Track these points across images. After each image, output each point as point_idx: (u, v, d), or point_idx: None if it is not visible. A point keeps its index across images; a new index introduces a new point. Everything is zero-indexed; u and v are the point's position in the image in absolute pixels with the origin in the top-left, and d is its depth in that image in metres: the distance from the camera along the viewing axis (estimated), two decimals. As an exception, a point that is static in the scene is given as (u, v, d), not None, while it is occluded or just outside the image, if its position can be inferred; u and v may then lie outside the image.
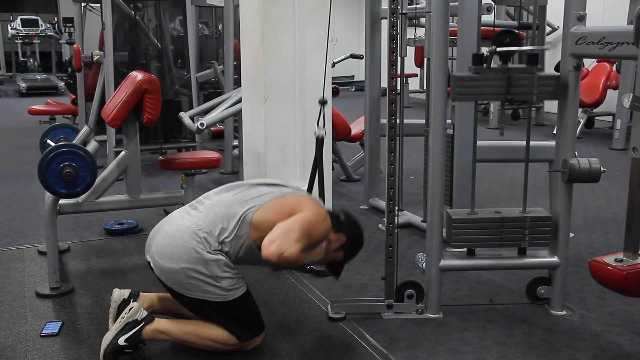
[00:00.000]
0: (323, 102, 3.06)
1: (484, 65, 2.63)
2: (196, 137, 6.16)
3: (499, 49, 2.59)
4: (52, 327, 2.73)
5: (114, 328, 2.38)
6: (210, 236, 2.36)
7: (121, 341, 2.35)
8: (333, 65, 5.10)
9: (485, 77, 2.63)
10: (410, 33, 4.02)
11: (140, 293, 2.56)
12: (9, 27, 14.63)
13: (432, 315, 2.85)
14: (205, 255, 2.33)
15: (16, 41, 14.62)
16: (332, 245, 2.59)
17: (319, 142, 2.84)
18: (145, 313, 2.41)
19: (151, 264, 2.43)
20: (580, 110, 7.18)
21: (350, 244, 2.64)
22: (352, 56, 6.05)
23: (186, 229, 2.37)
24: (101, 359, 2.35)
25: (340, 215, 2.64)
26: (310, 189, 2.83)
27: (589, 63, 7.71)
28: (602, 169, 2.64)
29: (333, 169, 3.60)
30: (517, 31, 2.70)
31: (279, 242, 2.25)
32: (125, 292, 2.51)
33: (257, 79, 3.63)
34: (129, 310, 2.39)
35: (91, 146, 3.45)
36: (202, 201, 2.53)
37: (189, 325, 2.46)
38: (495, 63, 2.64)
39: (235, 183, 2.65)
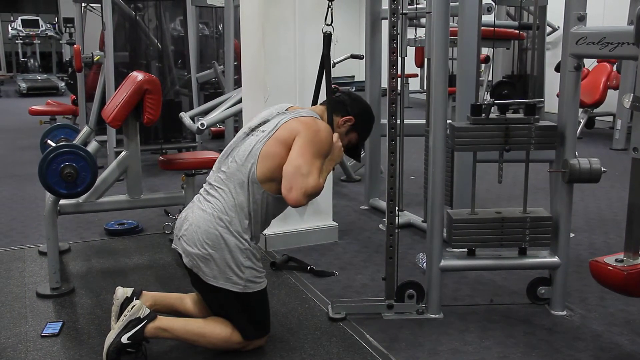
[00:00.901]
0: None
1: (483, 115, 2.69)
2: (197, 138, 6.17)
3: (496, 102, 2.67)
4: (53, 328, 2.73)
5: (116, 326, 2.39)
6: (234, 218, 2.38)
7: (124, 339, 2.35)
8: (334, 65, 5.09)
9: (483, 128, 2.70)
10: (410, 33, 4.02)
11: (143, 291, 2.57)
12: (10, 28, 14.64)
13: (433, 316, 2.85)
14: (230, 241, 2.36)
15: (17, 41, 14.63)
16: (343, 129, 2.61)
17: (327, 38, 2.84)
18: (147, 311, 2.42)
19: (179, 250, 2.46)
20: (580, 110, 7.17)
21: (360, 122, 2.66)
22: (353, 56, 6.04)
23: (209, 215, 2.40)
24: (104, 357, 2.35)
25: (341, 97, 2.65)
26: (317, 89, 2.79)
27: (590, 63, 7.71)
28: (602, 169, 2.64)
29: (333, 169, 3.61)
30: (513, 83, 2.76)
31: (295, 184, 2.31)
32: (128, 290, 2.52)
33: (258, 79, 3.63)
34: (132, 308, 2.40)
35: (92, 146, 3.45)
36: (210, 182, 2.53)
37: (191, 323, 2.47)
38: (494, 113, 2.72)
39: (227, 147, 2.60)
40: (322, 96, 2.75)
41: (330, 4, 2.77)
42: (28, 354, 2.53)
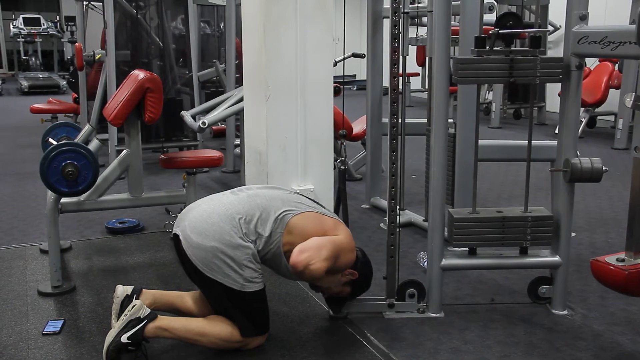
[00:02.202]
0: (342, 135, 3.16)
1: (486, 47, 2.62)
2: (198, 136, 6.16)
3: (501, 31, 2.59)
4: (54, 326, 2.74)
5: (117, 325, 2.39)
6: (246, 224, 2.41)
7: (124, 339, 2.35)
8: (335, 64, 5.09)
9: (487, 60, 2.63)
10: (412, 32, 4.01)
11: (143, 290, 2.57)
12: (11, 26, 14.64)
13: (434, 315, 2.85)
14: (237, 240, 2.37)
15: (18, 40, 14.63)
16: (344, 279, 2.65)
17: (342, 174, 2.92)
18: (148, 311, 2.42)
19: (180, 236, 2.45)
20: (582, 109, 7.16)
21: (359, 282, 2.71)
22: (354, 55, 6.04)
23: (225, 211, 2.42)
24: (104, 356, 2.35)
25: (357, 252, 2.69)
26: (337, 213, 2.93)
27: (591, 62, 7.70)
28: (604, 168, 2.64)
29: (335, 167, 3.61)
30: (519, 14, 2.70)
31: (310, 253, 2.34)
32: (128, 289, 2.52)
33: (259, 78, 3.63)
34: (132, 307, 2.40)
35: (93, 145, 3.45)
36: (243, 189, 2.58)
37: (191, 322, 2.47)
38: (497, 46, 2.64)
39: (278, 186, 2.74)
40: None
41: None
42: (29, 352, 2.53)
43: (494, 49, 2.63)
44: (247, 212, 2.43)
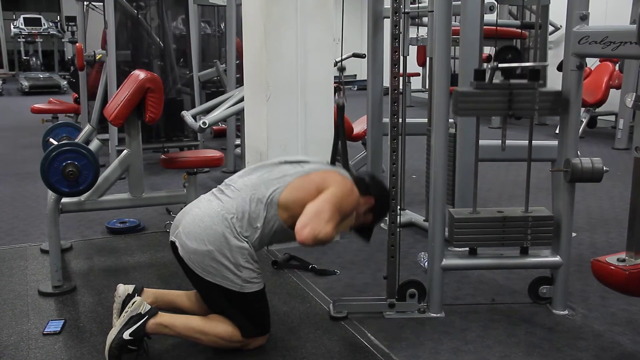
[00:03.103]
0: (341, 69, 3.07)
1: (486, 80, 2.65)
2: (198, 136, 6.17)
3: (500, 65, 2.61)
4: (55, 326, 2.74)
5: (118, 323, 2.39)
6: (239, 221, 2.39)
7: (126, 335, 2.35)
8: (335, 64, 5.09)
9: (487, 93, 2.66)
10: (412, 32, 4.01)
11: (144, 289, 2.57)
12: (12, 26, 14.64)
13: (434, 315, 2.85)
14: (232, 241, 2.36)
15: (19, 40, 14.63)
16: (361, 209, 2.62)
17: (340, 109, 2.82)
18: (148, 307, 2.42)
19: (177, 243, 2.45)
20: (582, 109, 7.15)
21: (378, 205, 2.68)
22: (355, 55, 6.04)
23: (215, 213, 2.41)
24: (106, 354, 2.35)
25: (365, 178, 2.68)
26: (333, 159, 2.83)
27: (592, 62, 7.70)
28: (604, 168, 2.64)
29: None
30: (518, 48, 2.71)
31: (312, 224, 2.30)
32: (130, 287, 2.52)
33: (260, 78, 3.63)
34: (132, 304, 2.40)
35: (94, 145, 3.45)
36: (228, 184, 2.55)
37: (193, 320, 2.47)
38: (497, 78, 2.66)
39: (258, 164, 2.67)
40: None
41: (342, 87, 2.81)
42: (30, 352, 2.53)
43: (493, 82, 2.66)
44: (237, 209, 2.41)
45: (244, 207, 2.42)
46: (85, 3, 7.11)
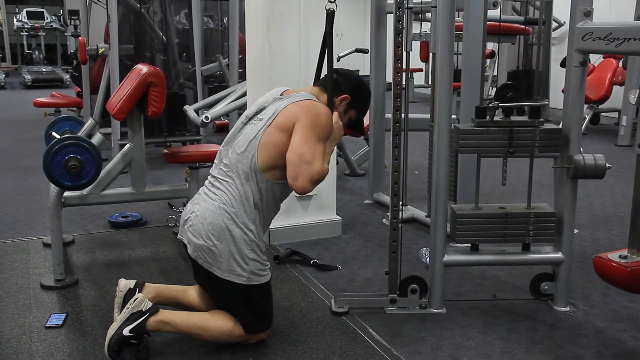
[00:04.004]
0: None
1: (487, 118, 2.69)
2: (201, 131, 6.17)
3: (501, 104, 2.67)
4: (57, 319, 2.75)
5: (119, 318, 2.39)
6: (238, 209, 2.39)
7: (126, 331, 2.35)
8: (338, 59, 5.09)
9: (488, 131, 2.70)
10: (415, 27, 4.00)
11: (146, 283, 2.57)
12: (15, 20, 14.65)
13: (436, 310, 2.85)
14: (236, 233, 2.36)
15: (22, 33, 14.66)
16: (340, 109, 2.60)
17: (329, 15, 2.81)
18: (150, 304, 2.42)
19: (184, 241, 2.46)
20: (585, 106, 7.15)
21: (356, 98, 2.64)
22: (358, 50, 6.03)
23: (215, 207, 2.40)
24: (106, 349, 2.36)
25: (334, 77, 2.61)
26: (319, 67, 2.77)
27: (595, 59, 7.68)
28: (607, 165, 2.64)
29: (337, 163, 3.61)
30: (518, 86, 2.77)
31: (301, 172, 2.32)
32: (131, 282, 2.52)
33: (262, 73, 3.63)
34: (134, 301, 2.40)
35: (96, 139, 3.46)
36: (215, 176, 2.52)
37: (194, 316, 2.48)
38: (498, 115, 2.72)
39: (227, 138, 2.59)
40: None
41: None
42: (32, 345, 2.54)
43: (494, 120, 2.70)
44: (232, 197, 2.40)
45: (237, 192, 2.40)
46: (88, -3, 7.10)
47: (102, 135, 3.60)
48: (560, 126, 2.76)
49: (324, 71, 2.67)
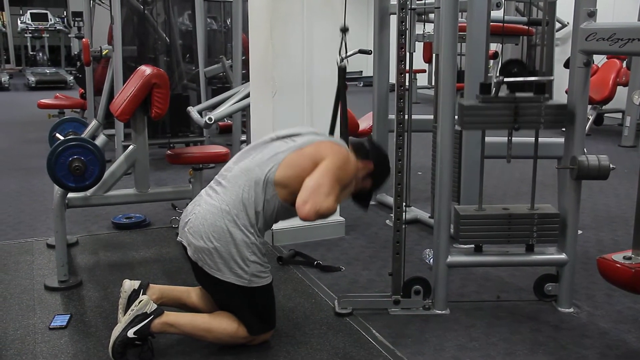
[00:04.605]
0: (344, 30, 3.04)
1: (492, 94, 2.65)
2: (204, 132, 6.17)
3: (506, 79, 2.62)
4: (61, 320, 2.75)
5: (123, 320, 2.40)
6: (240, 212, 2.39)
7: (130, 333, 2.36)
8: (342, 60, 5.08)
9: (492, 107, 2.66)
10: (419, 29, 4.00)
11: (150, 285, 2.58)
12: (19, 21, 14.68)
13: (439, 312, 2.85)
14: (237, 235, 2.36)
15: (26, 35, 14.68)
16: (360, 174, 2.60)
17: (341, 71, 2.80)
18: (154, 306, 2.43)
19: (184, 243, 2.46)
20: (589, 107, 7.14)
21: (377, 171, 2.65)
22: (361, 51, 6.03)
23: (216, 209, 2.40)
24: (110, 351, 2.36)
25: (364, 143, 2.66)
26: (333, 124, 2.79)
27: (599, 59, 7.67)
28: (611, 166, 2.63)
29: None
30: (523, 62, 2.73)
31: (312, 200, 2.31)
32: (135, 283, 2.52)
33: (266, 74, 3.63)
34: (139, 302, 2.41)
35: (100, 140, 3.46)
36: (224, 175, 2.54)
37: (198, 318, 2.48)
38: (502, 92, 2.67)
39: (250, 146, 2.64)
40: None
41: (344, 36, 2.76)
42: (36, 346, 2.55)
43: (499, 96, 2.66)
44: (235, 199, 2.40)
45: (242, 195, 2.41)
46: (91, -2, 7.12)
47: (105, 136, 3.60)
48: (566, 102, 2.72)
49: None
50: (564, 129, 2.73)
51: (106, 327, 2.65)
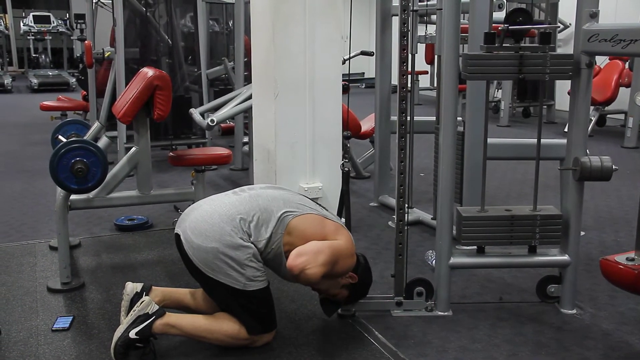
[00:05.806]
0: (347, 137, 3.15)
1: (496, 44, 2.61)
2: (206, 134, 6.18)
3: (511, 27, 2.57)
4: (63, 322, 2.75)
5: (125, 321, 2.40)
6: (247, 224, 2.40)
7: (132, 334, 2.36)
8: (343, 62, 5.08)
9: (496, 56, 2.61)
10: (421, 30, 4.00)
11: (152, 287, 2.58)
12: (22, 24, 14.71)
13: (442, 313, 2.84)
14: (237, 240, 2.37)
15: (28, 37, 14.71)
16: (343, 281, 2.62)
17: (345, 175, 2.94)
18: (156, 307, 2.43)
19: (181, 237, 2.46)
20: (592, 108, 7.13)
21: (358, 287, 2.68)
22: (363, 53, 6.03)
23: (226, 211, 2.42)
24: (112, 352, 2.37)
25: (360, 257, 2.68)
26: (340, 209, 2.90)
27: (601, 60, 7.66)
28: (613, 167, 2.63)
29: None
30: (528, 11, 2.67)
31: (307, 258, 2.33)
32: (138, 286, 2.53)
33: (268, 76, 3.63)
34: (141, 303, 2.41)
35: (102, 142, 3.47)
36: (245, 189, 2.57)
37: (199, 320, 2.48)
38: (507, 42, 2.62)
39: (282, 187, 2.71)
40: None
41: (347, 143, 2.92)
42: (39, 348, 2.55)
43: (504, 45, 2.61)
44: (248, 213, 2.42)
45: (255, 213, 2.43)
46: (94, 1, 7.12)
47: (108, 138, 3.61)
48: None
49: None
50: (565, 130, 2.73)
51: (109, 329, 2.65)
